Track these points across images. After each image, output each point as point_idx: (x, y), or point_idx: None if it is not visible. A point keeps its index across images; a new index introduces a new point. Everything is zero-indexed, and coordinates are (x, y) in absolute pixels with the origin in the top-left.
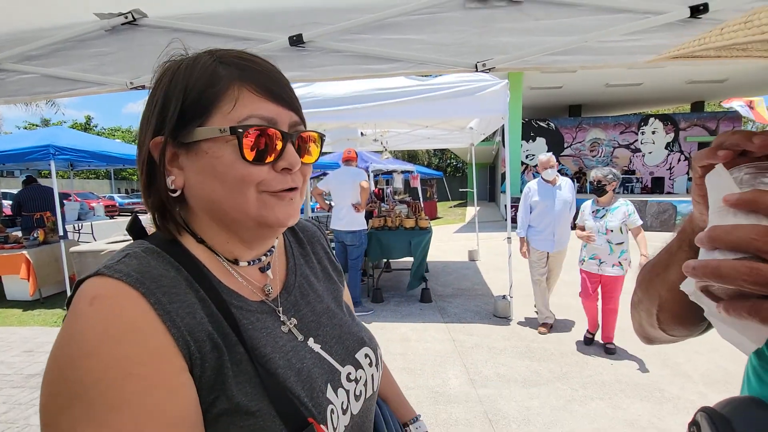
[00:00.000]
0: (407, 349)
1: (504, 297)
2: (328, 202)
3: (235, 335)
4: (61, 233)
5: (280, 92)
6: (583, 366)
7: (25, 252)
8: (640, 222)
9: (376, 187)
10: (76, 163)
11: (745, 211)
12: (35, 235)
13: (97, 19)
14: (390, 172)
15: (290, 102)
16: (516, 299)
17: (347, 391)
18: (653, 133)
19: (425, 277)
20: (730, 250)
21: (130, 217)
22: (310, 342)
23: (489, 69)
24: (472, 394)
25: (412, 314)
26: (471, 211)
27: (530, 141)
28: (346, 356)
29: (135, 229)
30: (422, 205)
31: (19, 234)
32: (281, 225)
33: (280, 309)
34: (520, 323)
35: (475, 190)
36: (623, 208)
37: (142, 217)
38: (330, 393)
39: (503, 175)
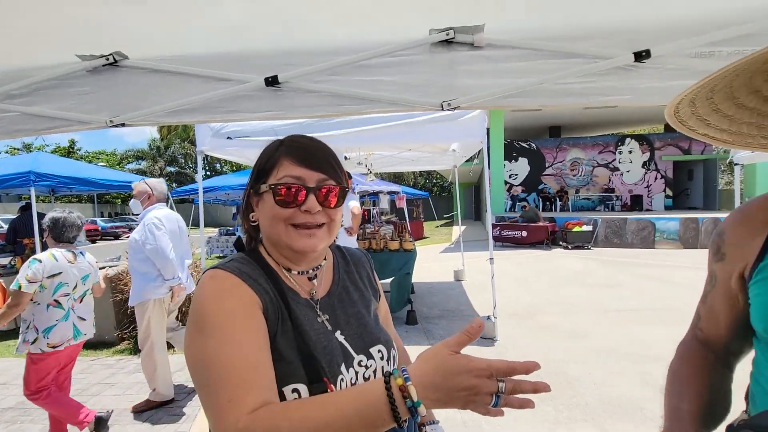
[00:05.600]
0: None
1: (488, 317)
2: None
3: (287, 313)
4: None
5: (311, 160)
6: (567, 387)
7: (1, 281)
8: (15, 286)
9: (361, 208)
10: (57, 188)
11: None
12: (12, 262)
13: (79, 61)
14: (376, 193)
15: (318, 166)
16: (500, 319)
17: (357, 372)
18: (630, 152)
19: (410, 298)
20: None
21: (235, 237)
22: (337, 333)
23: (454, 108)
24: (457, 419)
25: None
26: (457, 230)
27: (513, 161)
28: (362, 348)
29: (238, 245)
30: (408, 226)
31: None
32: (304, 251)
33: (318, 307)
34: (504, 344)
35: (459, 210)
36: None
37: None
38: (343, 369)
39: None
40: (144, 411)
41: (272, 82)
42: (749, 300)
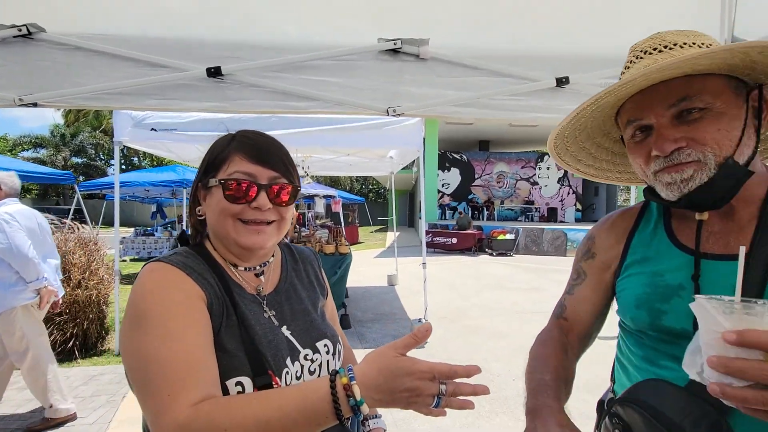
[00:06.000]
0: None
1: (420, 320)
2: None
3: (232, 307)
4: None
5: (263, 157)
6: (489, 383)
7: None
8: None
9: (296, 211)
10: None
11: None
12: None
13: None
14: (311, 197)
15: (271, 164)
16: (431, 322)
17: (302, 366)
18: (548, 168)
19: (344, 303)
20: (738, 377)
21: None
22: (284, 329)
23: (399, 114)
24: (387, 418)
25: None
26: (391, 236)
27: (446, 171)
28: (308, 342)
29: (182, 239)
30: (343, 230)
31: None
32: (250, 248)
33: (265, 303)
34: (435, 346)
35: (394, 216)
36: None
37: None
38: (288, 362)
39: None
40: (41, 431)
41: (215, 73)
42: (616, 295)
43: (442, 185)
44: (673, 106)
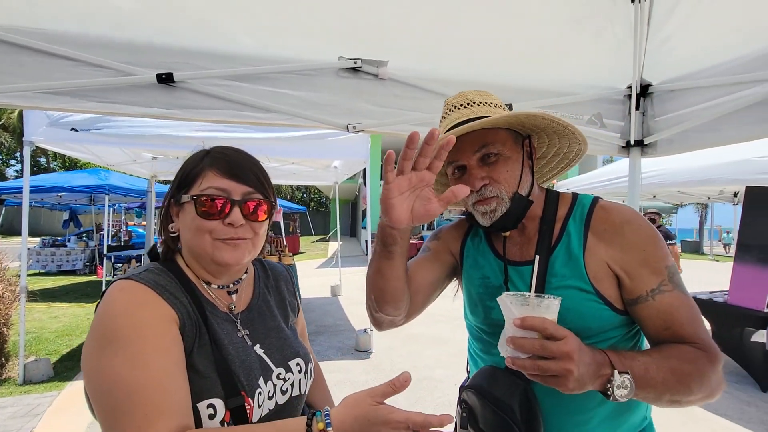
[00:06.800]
0: None
1: (365, 331)
2: None
3: (205, 327)
4: None
5: (237, 173)
6: (434, 390)
7: None
8: None
9: None
10: None
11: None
12: None
13: None
14: None
15: (244, 179)
16: (375, 332)
17: (275, 385)
18: None
19: None
20: (522, 352)
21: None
22: (257, 347)
23: (359, 131)
24: None
25: None
26: (334, 245)
27: None
28: (281, 360)
29: (152, 254)
30: (285, 241)
31: None
32: (228, 264)
33: (239, 321)
34: (380, 355)
35: (338, 227)
36: None
37: None
38: (261, 382)
39: (364, 212)
40: None
41: (166, 79)
42: (463, 296)
43: None
44: (477, 151)
